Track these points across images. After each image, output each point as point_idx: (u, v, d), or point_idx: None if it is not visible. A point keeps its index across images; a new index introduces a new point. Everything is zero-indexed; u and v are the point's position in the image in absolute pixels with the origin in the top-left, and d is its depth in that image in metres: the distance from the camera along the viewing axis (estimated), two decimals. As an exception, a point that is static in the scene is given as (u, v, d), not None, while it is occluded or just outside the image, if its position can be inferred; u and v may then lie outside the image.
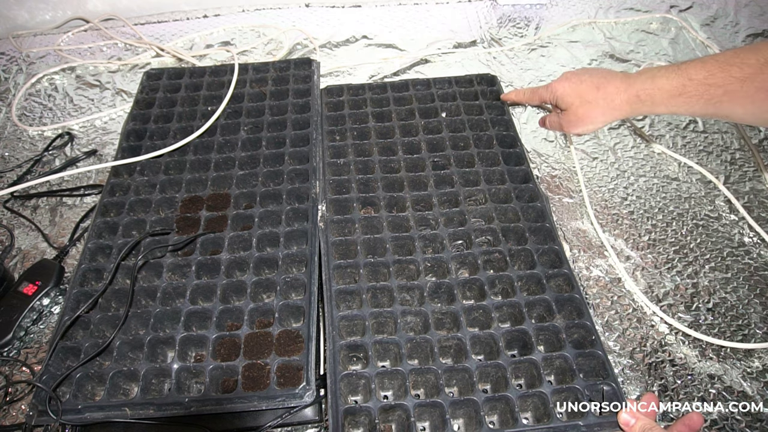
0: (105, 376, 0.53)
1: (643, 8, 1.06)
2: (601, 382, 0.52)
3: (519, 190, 0.69)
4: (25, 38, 1.05)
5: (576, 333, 0.56)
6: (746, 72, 0.51)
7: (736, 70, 0.52)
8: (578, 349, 0.54)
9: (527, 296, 0.58)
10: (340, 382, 0.52)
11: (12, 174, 0.80)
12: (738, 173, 0.76)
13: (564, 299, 0.58)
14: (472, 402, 0.50)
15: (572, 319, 0.57)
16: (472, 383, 0.52)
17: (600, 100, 0.62)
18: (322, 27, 1.05)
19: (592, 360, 0.54)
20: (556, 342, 0.56)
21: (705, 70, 0.54)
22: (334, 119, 0.79)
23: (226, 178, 0.71)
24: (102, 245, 0.64)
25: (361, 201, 0.68)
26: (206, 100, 0.82)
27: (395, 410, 0.51)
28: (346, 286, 0.60)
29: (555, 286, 0.60)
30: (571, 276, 0.60)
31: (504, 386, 0.52)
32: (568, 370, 0.53)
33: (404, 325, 0.57)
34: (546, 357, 0.54)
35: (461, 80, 0.84)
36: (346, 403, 0.51)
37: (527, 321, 0.56)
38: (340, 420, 0.50)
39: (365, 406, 0.50)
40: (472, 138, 0.75)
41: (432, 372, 0.53)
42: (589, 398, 0.51)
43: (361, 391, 0.54)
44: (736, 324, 0.61)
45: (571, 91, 0.65)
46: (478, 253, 0.62)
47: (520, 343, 0.56)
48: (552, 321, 0.56)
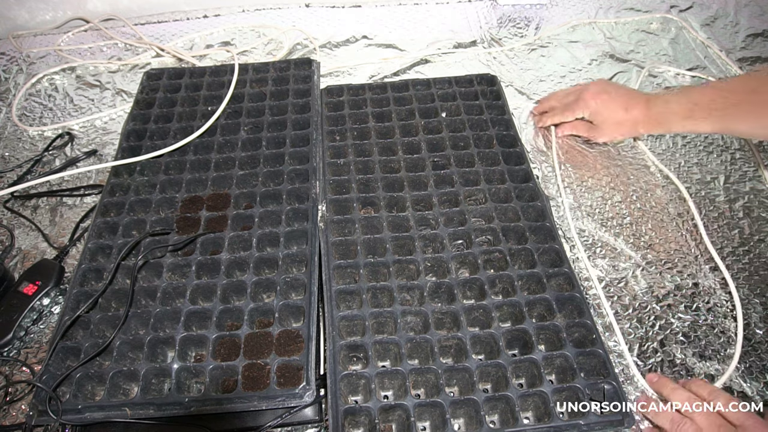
0: (105, 376, 0.53)
1: (643, 8, 1.06)
2: (602, 380, 0.52)
3: (519, 189, 0.69)
4: (25, 38, 1.05)
5: (577, 332, 0.56)
6: (738, 98, 0.64)
7: (731, 97, 0.64)
8: (579, 348, 0.54)
9: (528, 295, 0.58)
10: (340, 382, 0.52)
11: (12, 174, 0.80)
12: (738, 173, 0.76)
13: (564, 298, 0.58)
14: (473, 402, 0.50)
15: (573, 318, 0.57)
16: (472, 383, 0.52)
17: (628, 122, 0.74)
18: (322, 27, 1.05)
19: (593, 359, 0.54)
20: (556, 341, 0.56)
21: (707, 96, 0.66)
22: (334, 119, 0.79)
23: (226, 178, 0.71)
24: (102, 245, 0.64)
25: (361, 201, 0.68)
26: (206, 100, 0.81)
27: (395, 410, 0.51)
28: (346, 286, 0.60)
29: (555, 285, 0.60)
30: (571, 275, 0.60)
31: (504, 386, 0.52)
32: (568, 369, 0.53)
33: (404, 325, 0.57)
34: (546, 356, 0.54)
35: (461, 80, 0.84)
36: (346, 403, 0.51)
37: (527, 320, 0.56)
38: (340, 420, 0.50)
39: (365, 406, 0.50)
40: (472, 138, 0.75)
41: (432, 372, 0.53)
42: (590, 397, 0.51)
43: (361, 391, 0.54)
44: (736, 324, 0.61)
45: (604, 109, 0.75)
46: (479, 252, 0.62)
47: (521, 343, 0.56)
48: (552, 320, 0.56)
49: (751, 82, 0.65)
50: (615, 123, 0.75)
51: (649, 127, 0.73)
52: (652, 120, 0.71)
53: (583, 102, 0.76)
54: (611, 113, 0.75)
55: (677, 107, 0.68)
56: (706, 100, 0.66)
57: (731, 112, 0.64)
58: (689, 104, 0.67)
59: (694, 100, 0.67)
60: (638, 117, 0.72)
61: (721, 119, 0.65)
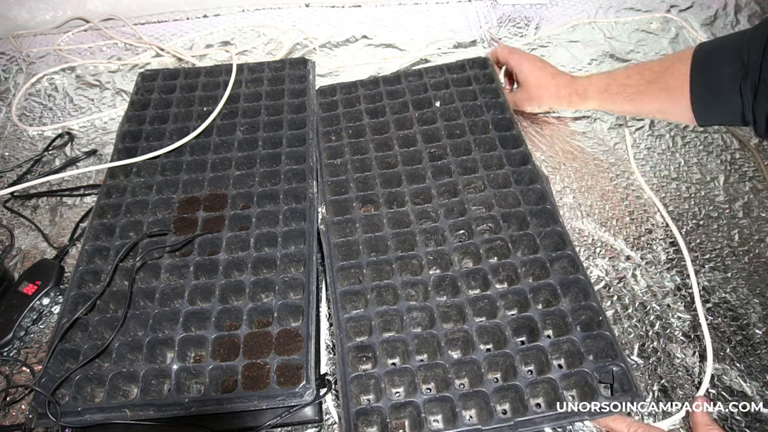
0: (104, 377, 0.53)
1: (643, 8, 1.06)
2: (610, 362, 0.51)
3: (518, 173, 0.68)
4: (25, 38, 1.05)
5: (583, 314, 0.56)
6: (652, 76, 0.65)
7: (647, 74, 0.65)
8: (586, 331, 0.54)
9: (532, 281, 0.58)
10: (350, 384, 0.52)
11: (12, 174, 0.80)
12: (738, 173, 0.76)
13: (569, 281, 0.58)
14: (482, 393, 0.50)
15: (578, 301, 0.56)
16: (480, 374, 0.52)
17: (552, 87, 0.76)
18: (322, 27, 1.05)
19: (600, 341, 0.53)
20: (563, 326, 0.55)
21: (625, 73, 0.69)
22: (328, 120, 0.79)
23: (223, 178, 0.71)
24: (99, 247, 0.64)
25: (360, 200, 0.68)
26: (202, 101, 0.81)
27: (406, 407, 0.51)
28: (351, 287, 0.60)
29: (560, 268, 0.59)
30: (575, 257, 0.59)
31: (513, 375, 0.52)
32: (576, 353, 0.53)
33: (410, 321, 0.57)
34: (554, 342, 0.53)
35: (453, 66, 0.84)
36: (358, 404, 0.51)
37: (533, 307, 0.56)
38: (353, 421, 0.50)
39: (377, 405, 0.50)
40: (468, 125, 0.74)
41: (440, 366, 0.53)
42: (599, 380, 0.51)
43: (372, 390, 0.54)
44: (735, 324, 0.61)
45: (534, 70, 0.78)
46: (480, 242, 0.61)
47: (527, 330, 0.56)
48: (558, 305, 0.56)
49: (668, 61, 0.64)
50: (540, 87, 0.77)
51: (567, 99, 0.75)
52: (573, 91, 0.74)
53: (519, 57, 0.79)
54: (537, 77, 0.77)
55: (597, 81, 0.72)
56: (622, 76, 0.68)
57: (643, 89, 0.66)
58: (608, 79, 0.70)
59: (613, 76, 0.70)
60: (561, 86, 0.75)
61: (633, 97, 0.67)
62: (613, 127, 0.83)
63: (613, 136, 0.82)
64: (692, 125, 0.82)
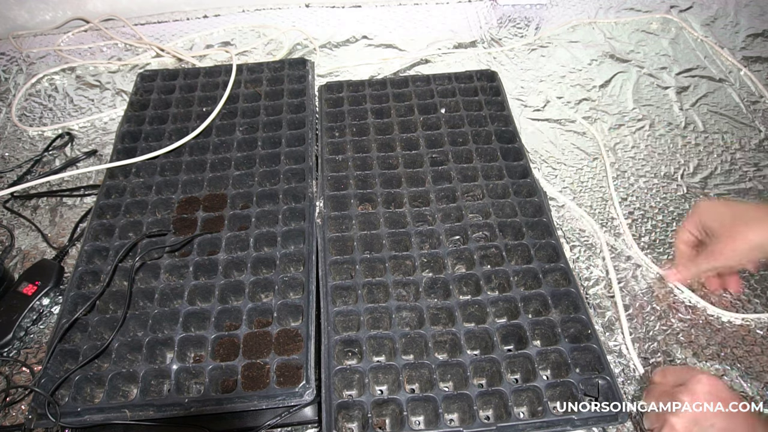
0: (104, 378, 0.53)
1: (643, 8, 1.06)
2: (596, 375, 0.52)
3: (517, 185, 0.68)
4: (25, 38, 1.05)
5: (572, 327, 0.56)
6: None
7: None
8: (574, 343, 0.54)
9: (523, 291, 0.58)
10: (334, 376, 0.52)
11: (12, 174, 0.80)
12: (738, 173, 0.76)
13: (560, 294, 0.58)
14: (466, 396, 0.50)
15: (568, 313, 0.57)
16: (466, 378, 0.52)
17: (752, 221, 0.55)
18: (322, 27, 1.05)
19: (588, 354, 0.54)
20: (551, 336, 0.55)
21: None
22: (333, 116, 0.79)
23: (222, 178, 0.71)
24: (98, 247, 0.64)
25: (359, 197, 0.68)
26: (201, 101, 0.81)
27: (389, 404, 0.51)
28: (342, 281, 0.60)
29: (552, 280, 0.60)
30: (567, 270, 0.60)
31: (498, 381, 0.52)
32: (563, 364, 0.53)
33: (399, 320, 0.57)
34: (541, 351, 0.53)
35: (461, 76, 0.84)
36: (340, 398, 0.51)
37: (523, 316, 0.56)
38: (334, 414, 0.50)
39: (359, 400, 0.51)
40: (471, 134, 0.75)
41: (426, 367, 0.53)
42: (584, 392, 0.51)
43: (355, 385, 0.54)
44: (736, 324, 0.60)
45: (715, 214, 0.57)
46: (475, 248, 0.62)
47: (516, 338, 0.56)
48: (548, 315, 0.56)
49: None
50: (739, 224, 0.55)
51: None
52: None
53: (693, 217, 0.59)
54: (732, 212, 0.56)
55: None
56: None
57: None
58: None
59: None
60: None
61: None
62: (614, 127, 0.83)
63: (613, 136, 0.82)
64: (692, 125, 0.82)
